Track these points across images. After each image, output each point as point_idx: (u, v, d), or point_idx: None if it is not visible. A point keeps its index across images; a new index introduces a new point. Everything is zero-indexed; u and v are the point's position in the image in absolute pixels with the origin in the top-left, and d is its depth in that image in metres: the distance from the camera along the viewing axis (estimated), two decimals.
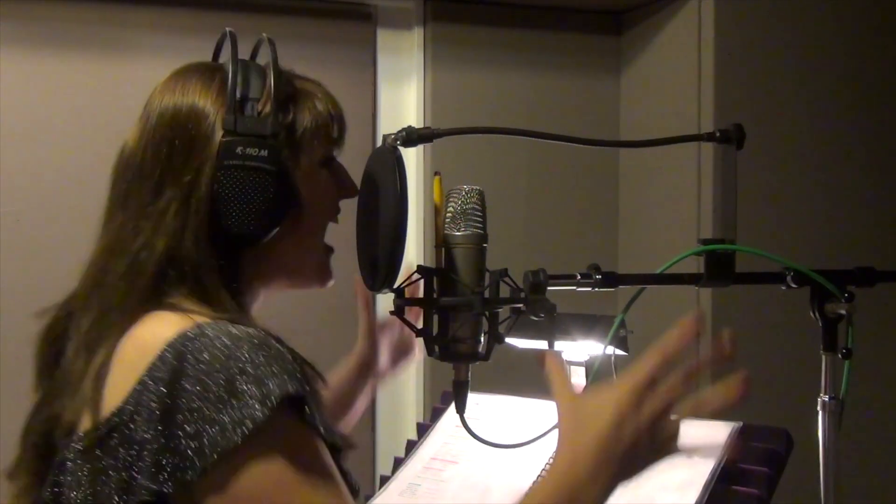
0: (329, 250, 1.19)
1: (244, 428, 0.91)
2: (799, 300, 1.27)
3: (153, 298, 1.03)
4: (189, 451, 0.92)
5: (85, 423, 0.99)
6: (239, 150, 1.05)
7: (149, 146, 1.08)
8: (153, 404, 0.94)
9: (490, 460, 1.45)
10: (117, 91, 2.21)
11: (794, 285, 1.24)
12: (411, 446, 1.60)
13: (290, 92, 1.12)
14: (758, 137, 1.53)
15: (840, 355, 1.23)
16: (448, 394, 1.30)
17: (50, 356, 1.10)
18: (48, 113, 2.20)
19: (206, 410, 0.92)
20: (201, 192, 1.05)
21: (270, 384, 0.93)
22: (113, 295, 1.04)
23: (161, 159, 1.06)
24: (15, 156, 2.17)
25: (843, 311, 1.22)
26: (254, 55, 1.18)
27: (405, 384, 2.49)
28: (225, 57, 1.16)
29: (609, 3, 2.58)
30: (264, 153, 1.05)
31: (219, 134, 1.06)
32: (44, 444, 1.04)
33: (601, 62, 2.63)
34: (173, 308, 1.02)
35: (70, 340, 1.07)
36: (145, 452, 0.93)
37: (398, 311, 1.16)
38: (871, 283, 1.26)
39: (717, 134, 1.25)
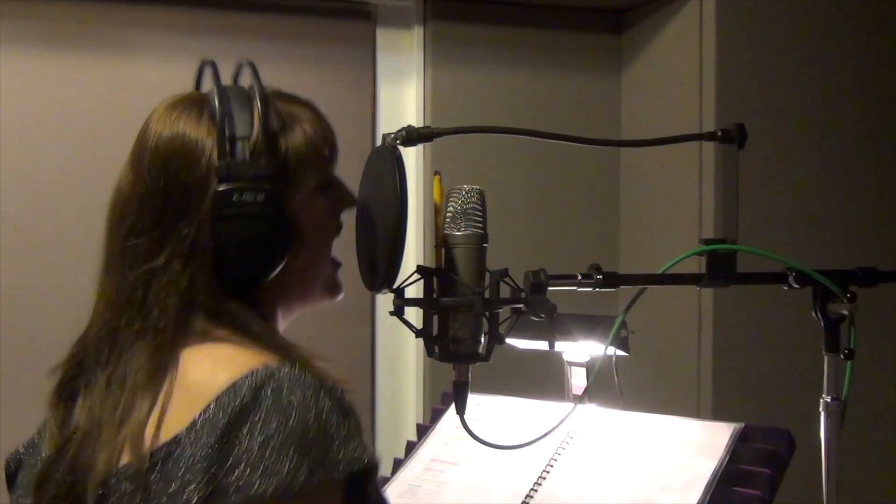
0: (336, 265, 1.19)
1: (300, 482, 0.91)
2: (801, 300, 1.27)
3: (181, 340, 1.03)
4: (231, 488, 0.92)
5: (127, 458, 0.98)
6: (235, 198, 1.04)
7: (144, 197, 1.07)
8: (215, 440, 0.93)
9: (490, 462, 1.45)
10: (116, 89, 2.21)
11: (796, 285, 1.24)
12: (411, 447, 1.60)
13: (278, 123, 1.11)
14: (759, 137, 1.53)
15: (842, 356, 1.23)
16: (448, 395, 1.30)
17: (62, 405, 1.10)
18: (46, 111, 2.20)
19: (265, 454, 0.92)
20: (202, 246, 1.04)
21: (340, 449, 0.94)
22: (131, 354, 1.03)
23: (157, 212, 1.06)
24: (13, 154, 2.17)
25: (845, 312, 1.22)
26: (235, 78, 1.17)
27: (404, 385, 2.49)
28: (207, 88, 1.15)
29: (610, 2, 2.58)
30: (261, 197, 1.05)
31: (213, 181, 1.05)
32: (69, 494, 1.03)
33: (602, 61, 2.63)
34: (219, 340, 1.02)
35: (88, 394, 1.06)
36: (195, 488, 0.93)
37: (398, 312, 1.16)
38: (873, 283, 1.26)
39: (719, 133, 1.25)
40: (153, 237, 1.06)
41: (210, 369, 0.99)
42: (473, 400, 1.23)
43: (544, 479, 1.39)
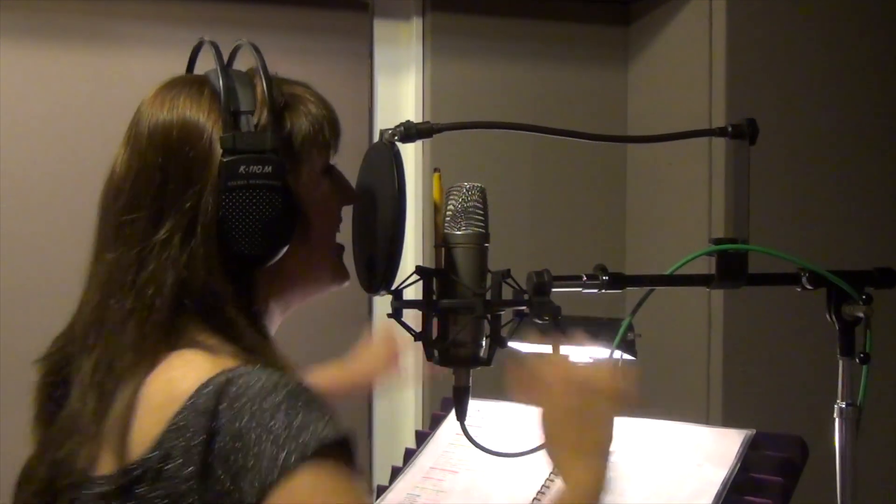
0: (340, 249, 1.18)
1: (280, 470, 0.91)
2: (815, 302, 1.27)
3: (171, 335, 1.02)
4: (227, 495, 0.92)
5: (104, 468, 0.98)
6: (242, 169, 1.03)
7: (141, 173, 1.06)
8: (190, 452, 0.94)
9: (492, 470, 1.45)
10: (107, 82, 2.21)
11: (809, 287, 1.24)
12: (410, 455, 1.60)
13: (282, 100, 1.11)
14: (771, 132, 1.53)
15: (857, 360, 1.23)
16: (448, 400, 1.30)
17: (49, 401, 1.10)
18: (37, 103, 2.20)
19: (242, 456, 0.92)
20: (206, 218, 1.03)
21: (308, 431, 0.93)
22: (120, 334, 1.02)
23: (155, 187, 1.05)
24: (5, 149, 2.17)
25: (860, 314, 1.22)
26: (230, 61, 1.16)
27: (403, 390, 2.49)
28: (205, 68, 1.14)
29: None
30: (269, 169, 1.04)
31: (217, 154, 1.04)
32: (47, 491, 1.04)
33: (608, 54, 2.63)
34: (197, 346, 1.01)
35: (72, 384, 1.05)
36: (182, 498, 0.93)
37: (396, 314, 1.17)
38: (890, 284, 1.26)
39: (729, 129, 1.25)
40: (152, 212, 1.04)
41: (179, 374, 0.99)
42: (474, 406, 1.23)
43: (548, 487, 1.39)
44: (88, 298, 1.08)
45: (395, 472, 1.58)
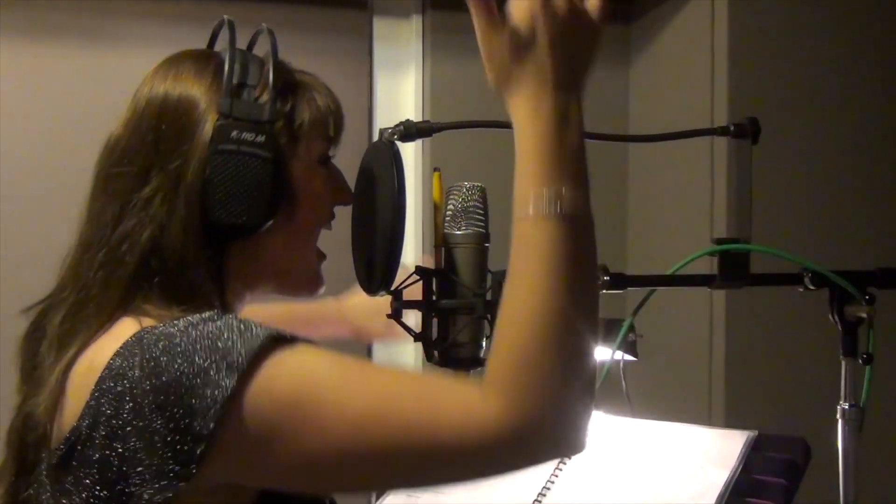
0: (321, 256, 1.17)
1: (220, 402, 0.89)
2: (817, 303, 1.27)
3: (129, 296, 1.02)
4: (177, 449, 0.90)
5: (53, 437, 0.98)
6: (234, 134, 1.03)
7: (135, 133, 1.06)
8: (113, 421, 0.92)
9: None
10: (103, 81, 2.22)
11: (812, 287, 1.24)
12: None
13: (289, 81, 1.11)
14: (774, 131, 1.53)
15: (860, 361, 1.23)
16: None
17: (30, 355, 1.10)
18: (37, 103, 2.21)
19: (177, 405, 0.90)
20: (191, 179, 1.02)
21: (248, 335, 0.92)
22: (89, 287, 1.03)
23: (147, 144, 1.05)
24: (3, 147, 2.18)
25: (863, 315, 1.22)
26: (250, 46, 1.17)
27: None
28: (220, 45, 1.15)
29: None
30: (261, 139, 1.04)
31: (212, 118, 1.04)
32: (20, 444, 1.04)
33: (609, 52, 2.63)
34: (137, 313, 1.00)
35: (45, 337, 1.06)
36: (127, 468, 0.92)
37: (396, 315, 1.17)
38: (893, 284, 1.26)
39: (732, 128, 1.25)
40: (140, 169, 1.04)
41: (100, 344, 0.98)
42: None
43: (548, 489, 1.39)
44: (73, 253, 1.08)
45: None
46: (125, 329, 0.98)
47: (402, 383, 0.93)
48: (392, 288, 1.15)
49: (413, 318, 1.21)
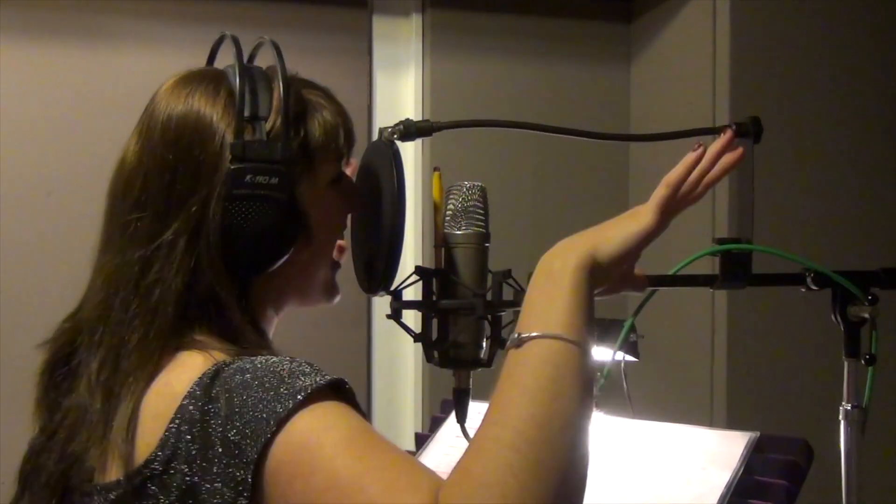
0: (336, 266, 1.19)
1: (278, 414, 0.91)
2: (819, 303, 1.27)
3: (174, 338, 1.03)
4: (231, 467, 0.92)
5: (112, 473, 0.99)
6: (248, 178, 1.04)
7: (151, 170, 1.07)
8: (192, 443, 0.94)
9: None
10: (101, 80, 2.21)
11: (814, 287, 1.24)
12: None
13: (298, 108, 1.11)
14: (776, 131, 1.53)
15: (863, 361, 1.23)
16: (448, 402, 1.30)
17: (52, 387, 1.10)
18: (36, 102, 2.21)
19: (239, 425, 0.92)
20: (211, 225, 1.04)
21: (304, 379, 0.94)
22: (127, 333, 1.03)
23: (164, 185, 1.05)
24: (2, 146, 2.18)
25: (866, 315, 1.22)
26: (251, 59, 1.17)
27: (402, 392, 2.50)
28: (222, 54, 1.15)
29: None
30: (275, 181, 1.05)
31: (226, 159, 1.05)
32: (59, 484, 1.04)
33: (610, 51, 2.63)
34: (196, 346, 1.02)
35: (80, 377, 1.06)
36: (204, 491, 0.93)
37: (395, 315, 1.17)
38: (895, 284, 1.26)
39: (734, 127, 1.25)
40: (158, 212, 1.05)
41: (175, 375, 0.99)
42: (475, 408, 1.23)
43: None
44: (94, 291, 1.08)
45: None
46: (194, 361, 0.99)
47: (375, 469, 0.91)
48: (391, 288, 1.15)
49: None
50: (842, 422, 1.25)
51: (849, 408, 1.24)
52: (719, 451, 1.32)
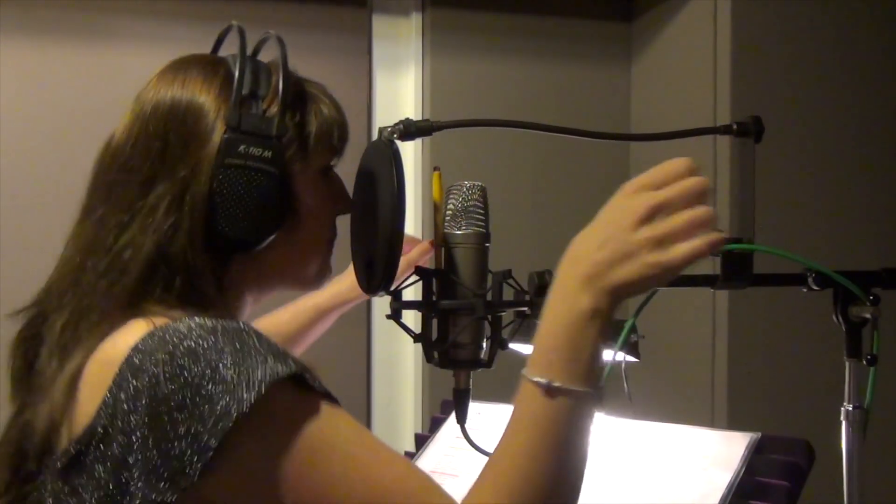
0: (326, 269, 1.19)
1: (234, 415, 0.90)
2: (821, 303, 1.27)
3: (135, 302, 1.02)
4: (184, 453, 0.91)
5: (62, 441, 0.98)
6: (242, 148, 1.04)
7: (140, 139, 1.06)
8: (130, 416, 0.93)
9: None
10: (100, 79, 2.22)
11: (815, 287, 1.24)
12: (409, 458, 1.60)
13: (298, 93, 1.12)
14: (777, 130, 1.53)
15: (865, 362, 1.23)
16: (448, 403, 1.30)
17: (25, 360, 1.10)
18: (35, 101, 2.21)
19: (193, 409, 0.91)
20: (197, 190, 1.03)
21: (257, 371, 0.93)
22: (91, 294, 1.03)
23: (153, 153, 1.05)
24: (2, 145, 2.18)
25: (867, 315, 1.22)
26: (256, 52, 1.17)
27: (402, 393, 2.50)
28: (227, 51, 1.15)
29: None
30: (268, 154, 1.05)
31: (220, 130, 1.05)
32: (17, 454, 1.04)
33: (611, 50, 2.63)
34: (148, 314, 1.00)
35: (44, 343, 1.06)
36: (134, 464, 0.93)
37: (395, 315, 1.17)
38: None
39: (735, 127, 1.25)
40: (144, 177, 1.05)
41: (112, 342, 0.98)
42: (475, 408, 1.23)
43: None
44: (69, 257, 1.08)
45: None
46: (137, 328, 0.98)
47: (401, 473, 0.99)
48: (391, 288, 1.15)
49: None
50: (843, 422, 1.25)
51: (850, 408, 1.24)
52: (720, 452, 1.32)
